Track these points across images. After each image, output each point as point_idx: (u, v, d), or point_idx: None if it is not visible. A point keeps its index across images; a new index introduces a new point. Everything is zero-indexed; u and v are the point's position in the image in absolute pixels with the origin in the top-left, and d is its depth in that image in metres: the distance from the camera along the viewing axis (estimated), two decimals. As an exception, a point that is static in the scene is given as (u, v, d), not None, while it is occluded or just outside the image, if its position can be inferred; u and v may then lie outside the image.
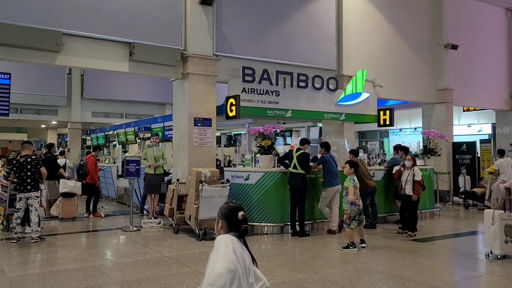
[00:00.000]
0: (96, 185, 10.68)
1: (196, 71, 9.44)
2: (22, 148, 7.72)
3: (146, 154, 9.39)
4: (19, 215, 7.65)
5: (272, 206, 8.26)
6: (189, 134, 9.35)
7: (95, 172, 10.53)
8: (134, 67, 9.04)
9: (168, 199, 8.86)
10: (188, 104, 9.39)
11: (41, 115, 18.79)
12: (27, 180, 7.53)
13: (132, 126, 14.92)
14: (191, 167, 9.09)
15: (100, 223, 9.82)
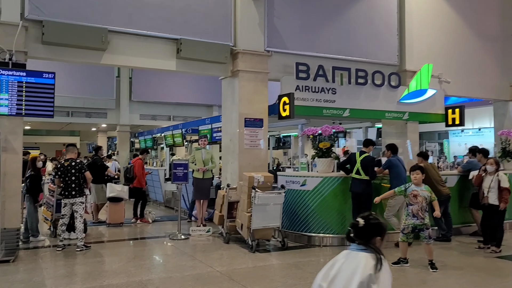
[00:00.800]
0: (143, 189, 10.28)
1: (246, 68, 8.80)
2: (66, 151, 7.37)
3: (194, 157, 8.84)
4: (64, 221, 7.30)
5: (332, 215, 7.44)
6: (239, 136, 8.72)
7: (142, 175, 10.14)
8: (182, 65, 8.53)
9: (218, 206, 8.26)
10: (238, 103, 8.77)
11: (91, 118, 18.92)
12: (71, 185, 7.16)
13: (180, 128, 14.56)
14: (242, 171, 8.46)
15: (147, 229, 9.39)
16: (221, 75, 9.21)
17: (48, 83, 6.90)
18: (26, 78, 6.75)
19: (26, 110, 6.80)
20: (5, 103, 6.64)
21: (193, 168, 8.72)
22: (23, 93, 6.73)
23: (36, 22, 7.19)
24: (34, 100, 6.86)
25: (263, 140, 8.93)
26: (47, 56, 7.42)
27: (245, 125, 8.76)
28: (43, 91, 6.91)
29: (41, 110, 6.94)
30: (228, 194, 7.82)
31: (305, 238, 7.59)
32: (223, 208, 8.01)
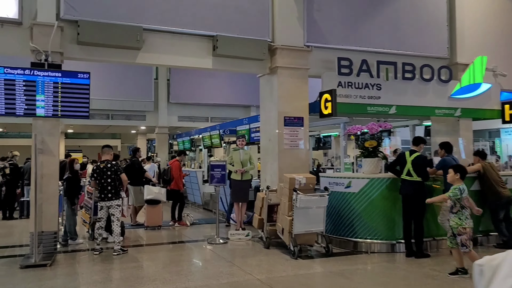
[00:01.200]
0: (181, 192, 10.07)
1: (285, 65, 8.40)
2: (102, 152, 7.22)
3: (232, 159, 8.51)
4: (100, 224, 7.14)
5: (379, 219, 6.90)
6: (279, 136, 8.33)
7: (179, 177, 9.92)
8: (218, 63, 8.24)
9: (257, 209, 7.89)
10: (277, 102, 8.38)
11: (130, 120, 19.06)
12: (107, 188, 6.99)
13: (217, 129, 14.32)
14: (282, 172, 8.06)
15: (185, 232, 9.15)
16: (258, 73, 8.86)
17: (83, 83, 6.76)
18: (61, 78, 6.64)
19: (62, 112, 6.69)
20: (42, 105, 6.55)
21: (231, 170, 8.40)
22: (59, 94, 6.63)
23: (71, 22, 7.09)
24: (70, 101, 6.74)
25: (303, 140, 8.50)
26: (82, 57, 7.31)
27: (284, 124, 8.37)
28: (79, 92, 6.78)
29: (76, 111, 6.81)
30: (268, 196, 7.43)
31: (350, 243, 7.09)
32: (263, 212, 7.63)
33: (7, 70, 6.34)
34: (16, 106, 6.43)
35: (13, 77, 6.38)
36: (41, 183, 6.62)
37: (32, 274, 5.84)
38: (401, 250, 6.84)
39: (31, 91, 6.46)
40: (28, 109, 6.49)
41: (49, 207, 6.85)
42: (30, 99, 6.47)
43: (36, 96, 6.50)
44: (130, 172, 9.53)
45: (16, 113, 6.46)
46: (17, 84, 6.40)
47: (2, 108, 6.37)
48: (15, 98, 6.40)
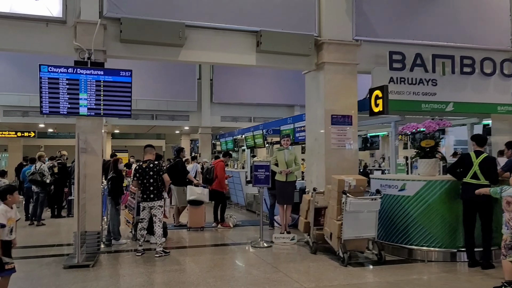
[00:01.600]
0: (224, 193, 9.82)
1: (332, 60, 7.97)
2: (145, 152, 7.07)
3: (276, 159, 8.17)
4: (143, 225, 7.00)
5: (438, 225, 6.33)
6: (326, 135, 7.92)
7: (223, 178, 9.68)
8: (262, 59, 7.93)
9: (303, 212, 7.51)
10: (324, 99, 7.97)
11: (174, 120, 19.18)
12: (149, 188, 6.84)
13: (260, 129, 14.03)
14: (328, 174, 7.65)
15: (228, 234, 8.90)
16: (304, 69, 8.47)
17: (125, 81, 6.65)
18: (104, 77, 6.55)
19: (104, 110, 6.60)
20: (84, 103, 6.49)
21: (275, 170, 8.05)
22: (101, 92, 6.54)
23: (114, 20, 7.01)
24: (112, 99, 6.65)
25: (352, 139, 8.03)
26: (125, 55, 7.22)
27: (332, 123, 7.95)
28: (121, 90, 6.67)
29: (118, 109, 6.71)
30: (315, 199, 7.03)
31: (404, 251, 6.55)
32: (309, 215, 7.24)
33: (51, 69, 6.31)
34: (60, 105, 6.40)
35: (56, 76, 6.35)
36: (84, 183, 6.56)
37: (75, 275, 5.75)
38: (462, 259, 6.24)
39: (74, 90, 6.41)
40: (71, 108, 6.45)
41: (92, 207, 6.79)
42: (73, 97, 6.42)
43: (79, 95, 6.44)
44: (173, 172, 9.40)
45: (60, 111, 6.43)
46: (61, 83, 6.37)
47: (46, 107, 6.35)
48: (59, 97, 6.37)
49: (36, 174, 9.92)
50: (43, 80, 6.28)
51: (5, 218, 4.22)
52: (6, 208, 4.31)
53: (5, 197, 4.35)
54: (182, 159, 9.91)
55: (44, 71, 6.28)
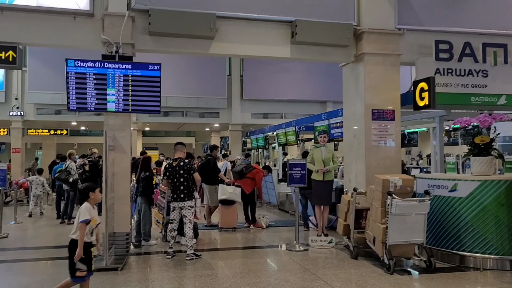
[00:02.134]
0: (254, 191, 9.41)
1: (373, 51, 7.44)
2: (175, 150, 6.74)
3: (313, 157, 7.69)
4: (173, 226, 6.68)
5: (495, 230, 5.71)
6: (366, 131, 7.39)
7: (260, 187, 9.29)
8: (297, 51, 7.48)
9: (342, 213, 7.02)
10: (364, 93, 7.44)
11: (204, 118, 18.93)
12: (180, 188, 6.51)
13: (293, 126, 13.56)
14: (369, 172, 7.16)
15: (261, 235, 8.50)
16: (342, 61, 7.96)
17: (154, 75, 6.32)
18: (132, 71, 6.25)
19: (132, 106, 6.31)
20: (112, 99, 6.21)
21: (312, 169, 7.58)
22: (129, 87, 6.25)
23: (142, 12, 6.72)
24: (140, 94, 6.34)
25: (394, 136, 7.48)
26: (154, 48, 6.91)
27: (372, 118, 7.42)
28: (150, 85, 6.35)
29: (147, 105, 6.40)
30: (355, 200, 6.53)
31: (456, 257, 5.97)
32: (349, 217, 6.75)
33: (77, 63, 6.06)
34: (87, 101, 6.14)
35: (83, 70, 6.09)
36: (113, 182, 6.28)
37: (103, 279, 5.47)
38: (525, 268, 5.63)
39: (102, 85, 6.14)
40: (98, 104, 6.19)
41: (121, 207, 6.52)
42: (101, 93, 6.15)
43: (107, 90, 6.16)
44: (205, 170, 9.09)
45: (88, 108, 6.18)
46: (88, 78, 6.11)
47: (73, 103, 6.10)
48: (86, 93, 6.11)
49: (62, 172, 9.80)
50: (70, 75, 6.03)
51: (89, 215, 4.11)
52: (90, 206, 4.20)
53: (88, 195, 4.23)
54: (214, 157, 9.57)
55: (71, 65, 6.03)
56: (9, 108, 16.84)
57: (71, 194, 9.94)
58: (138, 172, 7.81)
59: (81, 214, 4.09)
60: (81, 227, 4.03)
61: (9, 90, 16.90)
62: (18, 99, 16.86)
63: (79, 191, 4.34)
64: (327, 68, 19.46)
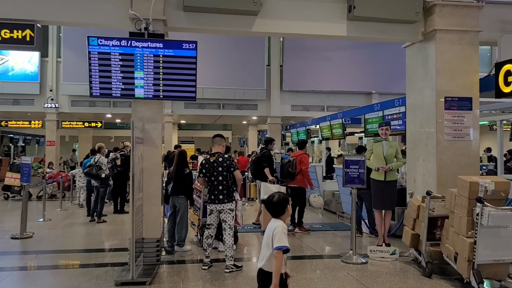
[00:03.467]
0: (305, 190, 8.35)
1: (447, 27, 6.24)
2: (213, 143, 5.79)
3: (372, 152, 6.58)
4: (210, 233, 5.74)
5: None
6: (437, 122, 6.22)
7: (308, 173, 8.21)
8: (354, 29, 6.38)
9: (409, 220, 5.89)
10: (435, 77, 6.26)
11: (241, 110, 18.05)
12: (218, 188, 5.56)
13: (339, 118, 12.38)
14: (441, 172, 6.04)
15: (308, 241, 7.47)
16: (407, 40, 6.79)
17: (189, 55, 5.38)
18: (163, 50, 5.34)
19: (164, 92, 5.40)
20: (141, 83, 5.32)
21: (371, 167, 6.47)
22: (160, 69, 5.33)
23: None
24: (173, 78, 5.41)
25: (472, 128, 6.26)
26: (188, 26, 5.97)
27: (445, 108, 6.23)
28: (184, 66, 5.43)
29: (181, 91, 5.47)
30: (428, 205, 5.38)
31: (562, 281, 4.75)
32: (418, 225, 5.63)
33: (101, 42, 5.20)
34: (112, 85, 5.28)
35: (108, 50, 5.23)
36: (141, 180, 5.42)
37: (128, 295, 4.62)
38: None
39: (129, 67, 5.26)
40: (125, 90, 5.32)
41: (151, 209, 5.66)
42: (128, 76, 5.28)
43: (135, 73, 5.28)
44: (259, 166, 8.25)
45: (112, 94, 5.32)
46: (113, 59, 5.24)
47: (96, 88, 5.26)
48: (111, 76, 5.24)
49: (92, 167, 9.09)
50: (92, 56, 5.18)
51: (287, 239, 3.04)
52: (285, 226, 3.13)
53: (284, 209, 3.16)
54: (271, 151, 8.63)
55: (93, 44, 5.18)
56: (44, 100, 16.51)
57: (101, 191, 9.23)
58: (173, 168, 6.90)
59: (279, 238, 3.00)
60: (278, 255, 2.97)
61: (44, 82, 16.56)
62: (53, 91, 16.49)
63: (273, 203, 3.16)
64: (373, 57, 18.19)
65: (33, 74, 16.34)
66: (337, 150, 12.69)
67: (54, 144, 16.72)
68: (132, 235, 4.99)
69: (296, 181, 8.06)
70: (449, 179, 6.13)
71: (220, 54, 16.89)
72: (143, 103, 5.52)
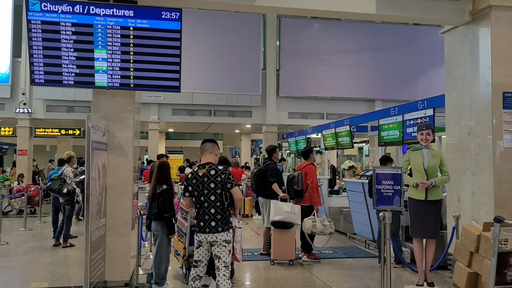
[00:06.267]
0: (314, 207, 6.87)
1: (506, 3, 4.86)
2: (202, 151, 4.23)
3: (409, 163, 5.12)
4: (198, 272, 4.17)
5: None
6: (494, 126, 4.80)
7: (317, 189, 6.75)
8: (385, 5, 5.00)
9: (463, 254, 4.45)
10: (490, 67, 4.85)
11: (235, 117, 16.59)
12: (209, 211, 4.04)
13: (346, 125, 10.97)
14: (499, 189, 4.62)
15: (321, 274, 5.97)
16: (450, 21, 5.40)
17: (171, 28, 3.92)
18: (134, 20, 3.86)
19: (136, 79, 3.91)
20: (103, 67, 3.84)
21: (408, 182, 5.01)
22: (131, 47, 3.85)
23: None
24: (148, 60, 3.93)
25: (539, 133, 4.86)
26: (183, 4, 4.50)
27: (504, 106, 4.82)
28: (164, 44, 3.95)
29: (160, 78, 3.99)
30: (498, 236, 3.93)
31: None
32: (479, 261, 4.18)
33: (46, 6, 3.70)
34: (63, 69, 3.78)
35: (56, 19, 3.75)
36: (102, 201, 3.90)
37: None
38: None
39: (86, 43, 3.77)
40: (81, 75, 3.82)
41: (118, 241, 4.16)
42: (85, 56, 3.80)
43: (95, 52, 3.79)
44: (264, 180, 6.76)
45: (63, 80, 3.82)
46: (64, 31, 3.75)
47: (40, 73, 3.78)
48: (61, 56, 3.75)
49: (55, 181, 7.51)
50: (33, 26, 3.69)
51: None
52: None
53: None
54: (275, 162, 7.12)
55: (35, 9, 3.68)
56: (16, 104, 14.89)
57: (67, 209, 7.64)
58: (151, 183, 5.35)
59: None
60: None
61: (16, 84, 14.95)
62: (26, 94, 14.88)
63: None
64: (376, 62, 17.03)
65: (3, 76, 14.76)
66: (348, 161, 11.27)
67: (26, 154, 15.06)
68: (85, 279, 3.46)
69: (305, 199, 6.59)
70: (510, 198, 4.74)
71: (212, 56, 15.55)
72: (108, 95, 4.04)
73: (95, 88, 3.95)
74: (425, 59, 16.59)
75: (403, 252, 6.21)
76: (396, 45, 17.18)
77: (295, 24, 16.64)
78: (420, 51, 16.76)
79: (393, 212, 5.60)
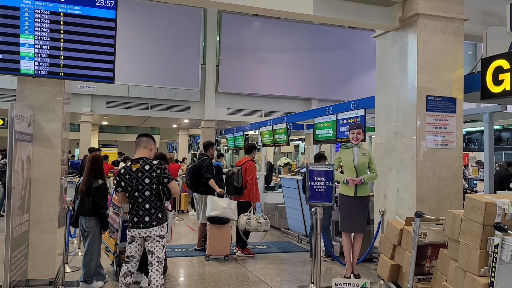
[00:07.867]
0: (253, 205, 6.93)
1: (431, 11, 5.21)
2: (137, 146, 4.12)
3: (340, 161, 5.33)
4: (129, 268, 4.08)
5: None
6: (418, 127, 5.13)
7: (256, 185, 6.78)
8: (322, 7, 5.16)
9: (386, 247, 4.72)
10: (416, 71, 5.18)
11: (172, 112, 16.34)
12: (144, 206, 3.95)
13: (283, 122, 11.18)
14: (421, 185, 4.96)
15: (255, 268, 6.07)
16: (381, 27, 5.70)
17: (105, 16, 3.78)
18: (65, 6, 3.67)
19: (65, 68, 3.73)
20: (30, 53, 3.62)
21: (339, 179, 5.22)
22: (61, 34, 3.67)
23: None
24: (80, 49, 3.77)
25: (456, 135, 5.27)
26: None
27: (427, 109, 5.17)
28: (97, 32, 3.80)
29: (92, 68, 3.83)
30: (418, 230, 4.21)
31: None
32: (400, 254, 4.46)
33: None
34: (-16, 54, 3.51)
35: (-25, -1, 3.47)
36: (27, 195, 3.69)
37: None
38: None
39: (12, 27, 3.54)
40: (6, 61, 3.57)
41: (42, 238, 3.96)
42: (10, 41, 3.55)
43: (21, 37, 3.56)
44: (200, 176, 6.68)
45: (-16, 67, 3.55)
46: (-15, 13, 3.49)
47: (-44, 57, 3.46)
48: (-18, 40, 3.49)
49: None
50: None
51: None
52: None
53: None
54: (211, 157, 7.06)
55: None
56: None
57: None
58: (83, 178, 5.12)
59: None
60: None
61: None
62: None
63: None
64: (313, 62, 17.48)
65: None
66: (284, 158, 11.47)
67: None
68: (4, 278, 3.26)
69: (244, 195, 6.64)
70: (430, 194, 5.10)
71: (150, 48, 15.18)
72: (35, 83, 3.82)
73: (20, 75, 3.72)
74: (359, 61, 17.27)
75: (333, 246, 6.47)
76: (333, 46, 17.75)
77: (236, 21, 16.65)
78: (355, 54, 17.43)
79: (325, 208, 5.81)
